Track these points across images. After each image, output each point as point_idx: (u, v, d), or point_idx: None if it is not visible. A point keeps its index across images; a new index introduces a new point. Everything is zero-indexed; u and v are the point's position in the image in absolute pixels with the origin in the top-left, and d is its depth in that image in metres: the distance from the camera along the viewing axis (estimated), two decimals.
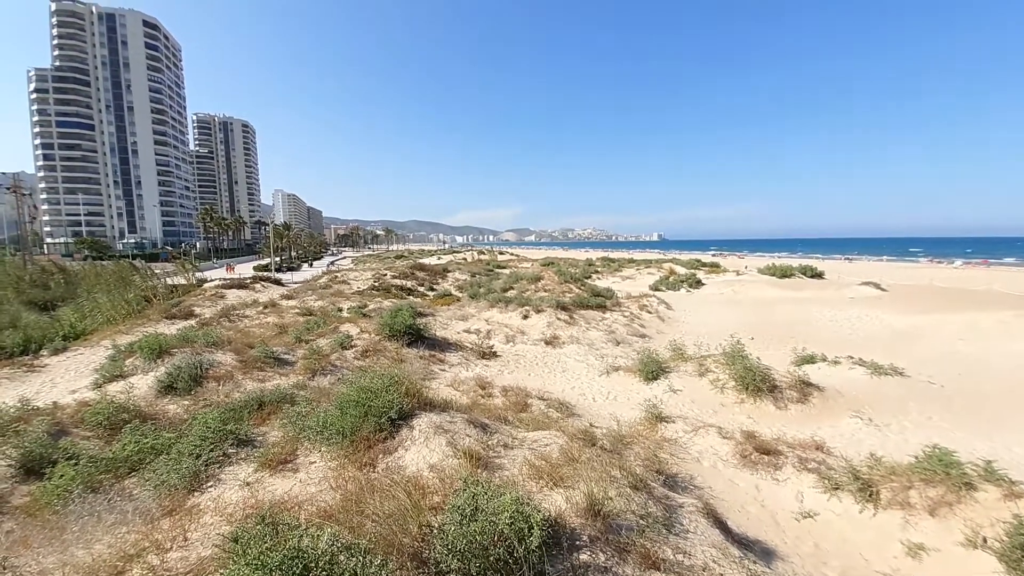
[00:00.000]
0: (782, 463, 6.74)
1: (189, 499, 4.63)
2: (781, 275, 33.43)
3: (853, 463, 6.12)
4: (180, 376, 8.50)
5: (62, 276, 26.57)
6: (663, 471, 6.01)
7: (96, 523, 4.23)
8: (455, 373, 11.79)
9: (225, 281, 27.79)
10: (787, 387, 9.84)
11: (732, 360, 10.41)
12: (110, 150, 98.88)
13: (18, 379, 10.53)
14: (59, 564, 3.57)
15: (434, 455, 5.01)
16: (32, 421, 6.42)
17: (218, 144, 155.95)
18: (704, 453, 7.27)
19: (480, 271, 40.67)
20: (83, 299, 19.53)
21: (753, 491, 6.26)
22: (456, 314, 18.64)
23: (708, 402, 9.92)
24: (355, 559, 2.36)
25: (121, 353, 10.24)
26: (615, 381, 11.59)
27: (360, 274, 35.19)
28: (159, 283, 22.71)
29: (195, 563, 3.25)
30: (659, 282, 32.91)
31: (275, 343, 12.04)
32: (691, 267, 41.78)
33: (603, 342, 16.17)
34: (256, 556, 2.20)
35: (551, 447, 5.54)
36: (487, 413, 7.29)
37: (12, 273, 26.06)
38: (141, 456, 5.48)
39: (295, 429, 5.75)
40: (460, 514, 2.93)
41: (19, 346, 13.63)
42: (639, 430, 7.95)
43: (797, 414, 9.24)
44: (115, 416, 6.74)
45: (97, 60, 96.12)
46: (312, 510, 3.70)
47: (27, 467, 5.48)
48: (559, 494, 4.20)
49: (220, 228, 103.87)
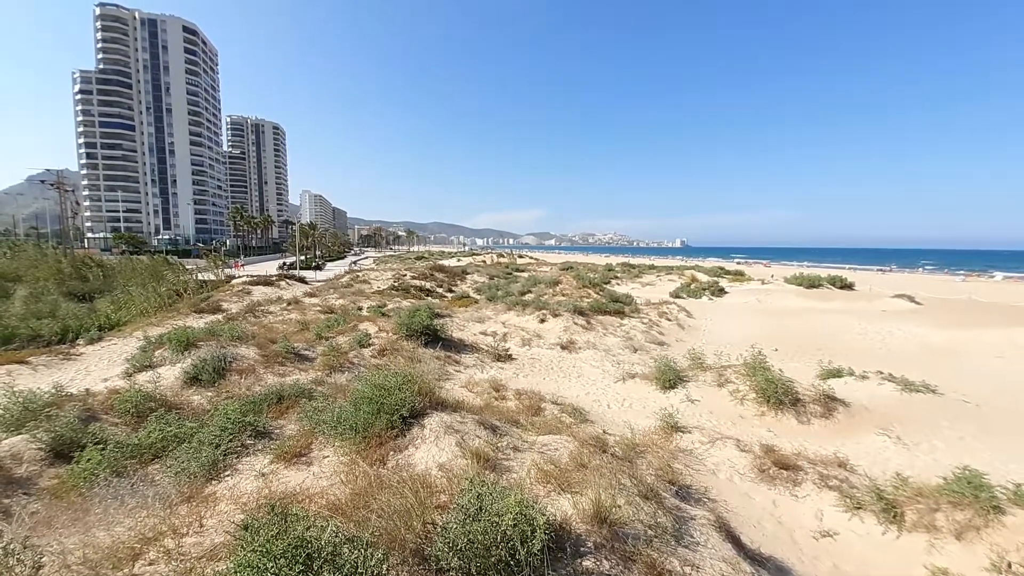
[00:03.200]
0: (802, 479, 6.53)
1: (207, 487, 4.78)
2: (808, 285, 32.43)
3: (878, 482, 5.88)
4: (205, 368, 8.81)
5: (100, 269, 27.85)
6: (676, 482, 5.90)
7: (119, 506, 4.40)
8: (470, 374, 11.84)
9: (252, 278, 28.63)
10: (811, 401, 9.53)
11: (753, 371, 10.15)
12: (149, 150, 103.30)
13: (54, 366, 11.07)
14: (80, 545, 3.72)
15: (443, 454, 5.04)
16: (64, 407, 6.74)
17: (249, 145, 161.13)
18: (720, 465, 7.10)
19: (499, 274, 40.80)
20: (119, 292, 20.45)
21: (770, 506, 6.08)
22: (473, 316, 18.73)
23: (727, 413, 9.69)
24: (357, 552, 2.40)
25: (151, 344, 10.65)
26: (631, 388, 11.43)
27: (381, 274, 35.77)
28: (190, 278, 23.58)
29: (208, 548, 3.35)
30: (680, 289, 32.39)
31: (296, 339, 12.33)
32: (714, 275, 40.98)
33: (620, 348, 15.99)
34: (262, 544, 2.27)
35: (561, 452, 5.51)
36: (499, 415, 7.30)
37: (53, 265, 27.45)
38: (164, 444, 5.68)
39: (311, 423, 5.87)
40: (464, 513, 2.94)
41: (57, 335, 14.35)
42: (653, 439, 7.82)
43: (820, 429, 8.93)
44: (142, 404, 7.02)
45: (139, 63, 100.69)
46: (322, 503, 3.77)
47: (57, 450, 5.75)
48: (566, 499, 4.16)
49: (249, 227, 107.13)
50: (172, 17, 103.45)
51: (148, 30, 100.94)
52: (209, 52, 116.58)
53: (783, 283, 35.19)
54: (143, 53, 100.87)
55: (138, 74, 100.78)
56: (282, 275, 31.71)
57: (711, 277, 38.71)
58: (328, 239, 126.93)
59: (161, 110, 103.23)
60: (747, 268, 65.64)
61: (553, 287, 26.31)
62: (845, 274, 39.14)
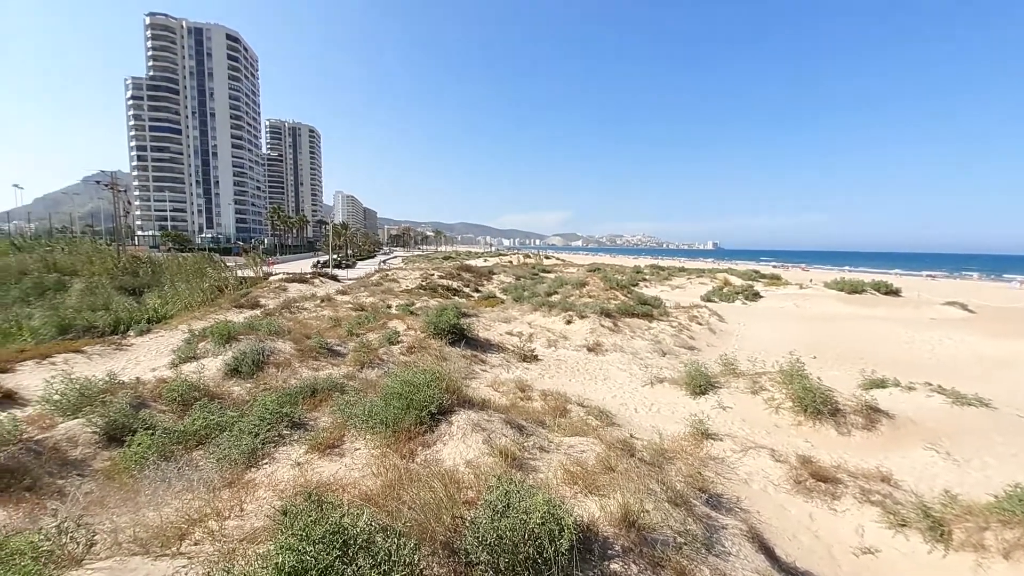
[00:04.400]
0: (841, 493, 6.25)
1: (247, 473, 5.00)
2: (851, 290, 30.96)
3: (924, 499, 5.57)
4: (245, 361, 9.21)
5: (149, 266, 29.51)
6: (707, 489, 5.76)
7: (166, 489, 4.66)
8: (495, 374, 11.90)
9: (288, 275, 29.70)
10: (852, 411, 9.11)
11: (790, 379, 9.78)
12: (194, 152, 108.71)
13: (108, 355, 11.79)
14: (131, 524, 3.96)
15: (470, 451, 5.10)
16: (117, 394, 7.19)
17: (287, 148, 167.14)
18: (753, 475, 6.88)
19: (525, 274, 40.83)
20: (166, 287, 21.62)
21: (806, 520, 5.85)
22: (499, 316, 18.82)
23: (761, 422, 9.37)
24: (390, 540, 2.47)
25: (195, 337, 11.22)
26: (659, 393, 11.22)
27: (409, 273, 36.41)
28: (230, 275, 24.67)
29: (249, 532, 3.51)
30: (712, 292, 31.54)
31: (329, 335, 12.72)
32: (748, 278, 39.71)
33: (648, 352, 15.72)
34: (301, 528, 2.37)
35: (587, 454, 5.47)
36: (525, 415, 7.31)
37: (107, 261, 29.27)
38: (208, 431, 5.98)
39: (343, 416, 6.05)
40: (492, 509, 2.97)
41: (110, 326, 15.30)
42: (683, 445, 7.65)
43: (862, 441, 8.52)
44: (187, 393, 7.41)
45: (185, 70, 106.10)
46: (355, 493, 3.89)
47: (110, 434, 6.14)
48: (593, 501, 4.14)
49: (286, 226, 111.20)
50: (216, 25, 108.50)
51: (194, 38, 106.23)
52: (250, 58, 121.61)
53: (823, 288, 33.74)
54: (189, 60, 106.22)
55: (185, 80, 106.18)
56: (316, 273, 32.77)
57: (745, 281, 37.54)
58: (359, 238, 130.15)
59: (205, 114, 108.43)
60: (784, 272, 63.24)
61: (580, 288, 26.11)
62: (890, 279, 37.19)
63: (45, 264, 26.63)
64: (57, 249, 33.51)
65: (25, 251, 32.73)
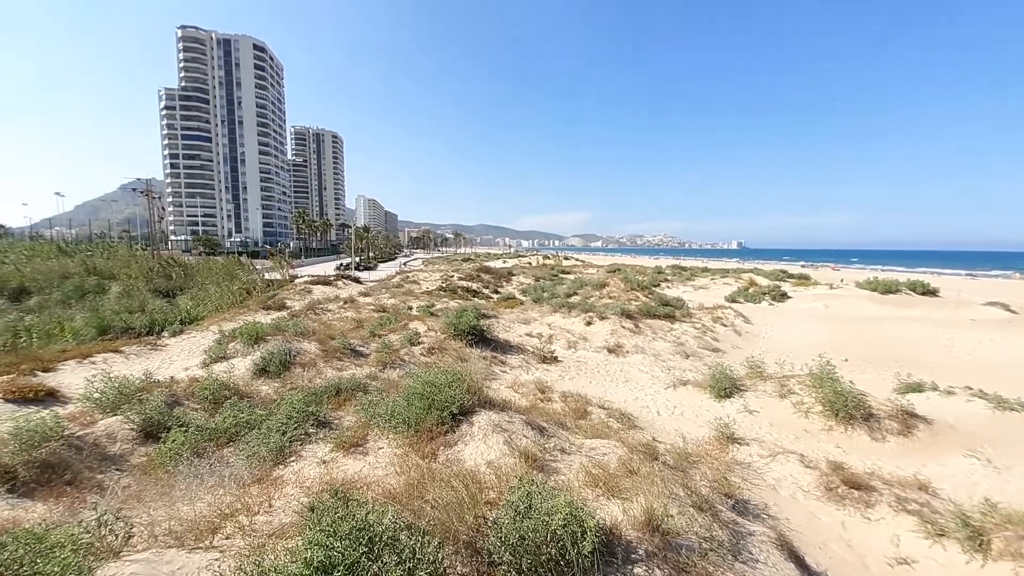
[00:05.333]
0: (876, 501, 6.01)
1: (275, 470, 5.14)
2: (884, 290, 29.77)
3: (963, 507, 5.32)
4: (272, 361, 9.47)
5: (181, 269, 30.64)
6: (733, 495, 5.62)
7: (199, 484, 4.83)
8: (515, 375, 11.90)
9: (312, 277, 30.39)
10: (886, 416, 8.76)
11: (820, 382, 9.47)
12: (223, 160, 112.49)
13: (144, 355, 12.28)
14: (166, 517, 4.11)
15: (491, 452, 5.12)
16: (153, 392, 7.48)
17: (311, 153, 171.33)
18: (782, 481, 6.68)
19: (544, 276, 40.72)
20: (197, 289, 22.41)
21: (838, 528, 5.65)
22: (519, 317, 18.82)
23: (789, 426, 9.11)
24: (414, 538, 2.50)
25: (225, 338, 11.59)
26: (682, 395, 11.03)
27: (429, 275, 36.77)
28: (258, 277, 25.41)
29: (277, 527, 3.61)
30: (737, 293, 30.81)
31: (352, 336, 12.95)
32: (775, 278, 38.62)
33: (670, 354, 15.46)
34: (329, 524, 2.42)
35: (609, 456, 5.42)
36: (545, 417, 7.29)
37: (143, 265, 30.53)
38: (237, 429, 6.17)
39: (367, 416, 6.15)
40: (514, 510, 2.98)
41: (146, 327, 15.94)
42: (707, 449, 7.49)
43: (897, 448, 8.19)
44: (218, 392, 7.66)
45: (215, 80, 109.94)
46: (379, 491, 3.95)
47: (146, 431, 6.40)
48: (616, 505, 4.09)
49: (310, 230, 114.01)
50: (244, 36, 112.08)
51: (223, 49, 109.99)
52: (276, 67, 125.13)
53: (854, 288, 32.57)
54: (219, 71, 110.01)
55: (214, 90, 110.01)
56: (339, 275, 33.42)
57: (772, 281, 36.54)
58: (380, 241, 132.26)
59: (234, 123, 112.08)
60: (813, 271, 61.28)
61: (600, 289, 25.90)
62: (927, 279, 35.62)
63: (86, 268, 27.92)
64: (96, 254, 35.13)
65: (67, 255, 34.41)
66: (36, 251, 36.43)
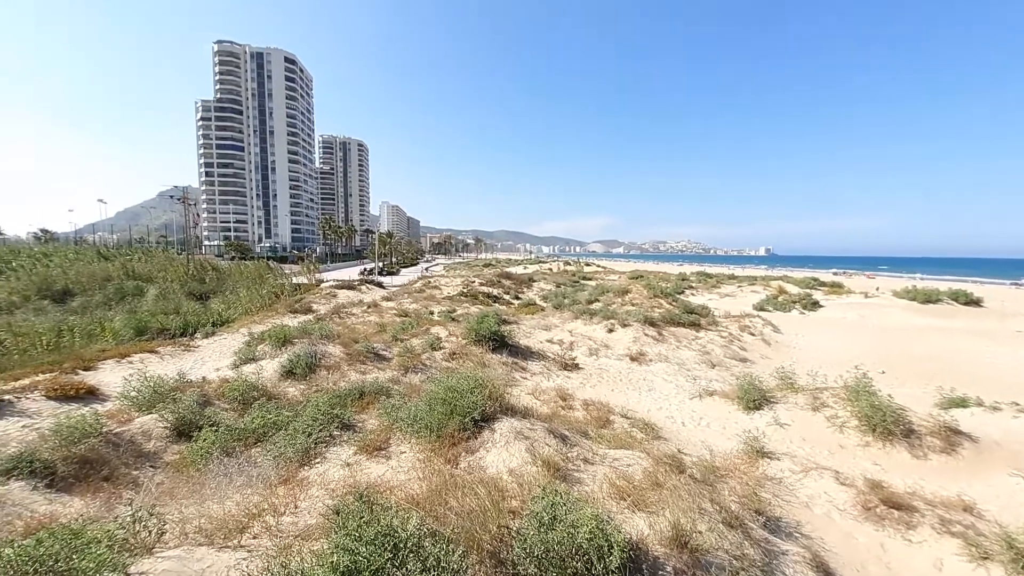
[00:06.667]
0: (917, 522, 5.68)
1: (300, 471, 5.21)
2: (924, 300, 28.41)
3: (1008, 529, 4.99)
4: (299, 363, 9.67)
5: (215, 273, 31.78)
6: (763, 512, 5.41)
7: (228, 483, 4.93)
8: (536, 382, 11.82)
9: (337, 282, 31.04)
10: (927, 433, 8.30)
11: (856, 395, 9.05)
12: (254, 168, 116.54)
13: (177, 356, 12.73)
14: (197, 515, 4.21)
15: (513, 459, 5.06)
16: (186, 391, 7.73)
17: (337, 161, 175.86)
18: (816, 499, 6.39)
19: (565, 282, 40.49)
20: (228, 293, 23.16)
21: (877, 550, 5.36)
22: (540, 323, 18.73)
23: (823, 441, 8.73)
24: (439, 546, 2.47)
25: (254, 340, 11.91)
26: (708, 406, 10.72)
27: (451, 280, 37.04)
28: (286, 282, 26.11)
29: (303, 529, 3.64)
30: (765, 301, 29.89)
31: (375, 340, 13.13)
32: (806, 286, 37.31)
33: (696, 363, 15.09)
34: (354, 528, 2.42)
35: (634, 468, 5.29)
36: (567, 425, 7.19)
37: (179, 269, 31.79)
38: (265, 429, 6.31)
39: (389, 420, 6.19)
40: (538, 521, 2.92)
41: (180, 329, 16.54)
42: (736, 463, 7.24)
43: (939, 466, 7.74)
44: (247, 393, 7.86)
45: (248, 92, 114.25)
46: (401, 495, 3.95)
47: (179, 429, 6.60)
48: (641, 518, 3.98)
49: (336, 235, 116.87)
50: (276, 49, 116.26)
51: (256, 62, 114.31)
52: (305, 78, 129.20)
53: (891, 297, 31.20)
54: (252, 83, 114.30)
55: (247, 101, 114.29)
56: (363, 280, 34.02)
57: (802, 289, 35.33)
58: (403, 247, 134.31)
59: (265, 132, 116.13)
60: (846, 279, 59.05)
61: (622, 296, 25.56)
62: (970, 288, 33.82)
63: (125, 271, 29.27)
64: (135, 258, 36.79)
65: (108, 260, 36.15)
66: (79, 255, 38.39)
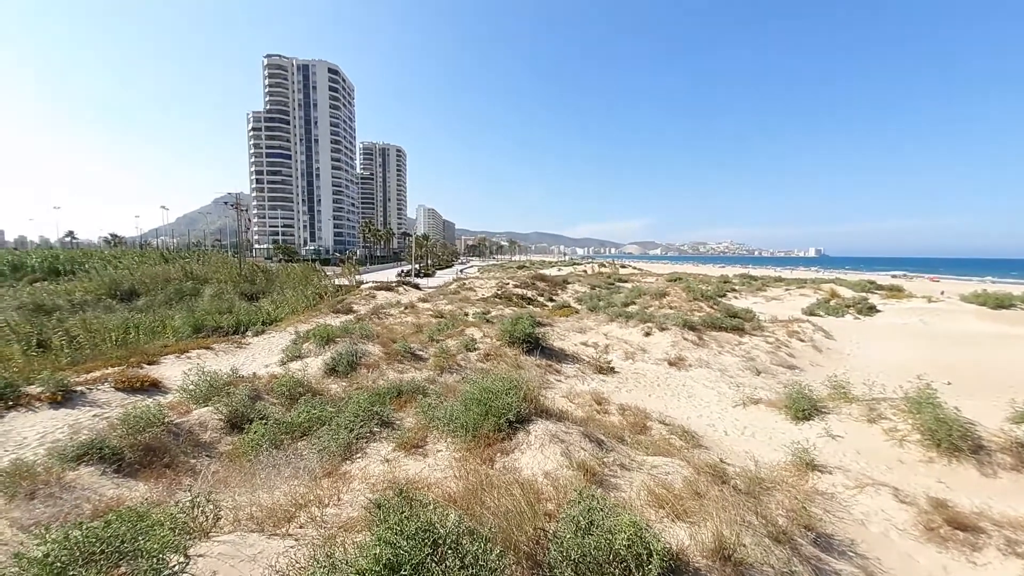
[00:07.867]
0: (983, 543, 5.23)
1: (343, 465, 5.41)
2: (995, 305, 26.09)
3: None
4: (341, 361, 10.05)
5: (264, 275, 33.52)
6: (813, 528, 5.13)
7: (276, 474, 5.20)
8: (571, 385, 11.72)
9: (376, 283, 32.03)
10: (998, 449, 7.62)
11: (918, 407, 8.42)
12: (300, 175, 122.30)
13: (231, 352, 13.51)
14: (249, 503, 4.45)
15: (549, 462, 5.04)
16: (239, 386, 8.19)
17: (377, 167, 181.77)
18: (871, 516, 5.99)
19: (600, 284, 39.95)
20: (276, 293, 24.37)
21: (939, 572, 4.97)
22: (574, 326, 18.57)
23: (880, 455, 8.17)
24: (476, 544, 2.51)
25: (300, 338, 12.47)
26: (753, 415, 10.28)
27: (485, 282, 37.36)
28: (329, 283, 27.19)
29: (346, 521, 3.78)
30: (816, 306, 28.34)
31: (412, 340, 13.44)
32: (861, 289, 35.09)
33: (739, 369, 14.51)
34: (396, 523, 2.50)
35: (673, 476, 5.15)
36: (602, 430, 7.09)
37: (232, 271, 33.74)
38: (310, 424, 6.59)
39: (426, 418, 6.33)
40: (575, 525, 2.90)
41: (233, 327, 17.57)
42: (783, 476, 6.90)
43: (1010, 485, 7.08)
44: (294, 389, 8.24)
45: (295, 103, 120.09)
46: (438, 493, 4.02)
47: (232, 422, 7.01)
48: (682, 528, 3.87)
49: (375, 239, 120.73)
50: (320, 61, 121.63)
51: (302, 73, 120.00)
52: (347, 88, 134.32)
53: (958, 302, 28.84)
54: (298, 94, 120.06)
55: (294, 111, 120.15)
56: (400, 281, 34.92)
57: (857, 292, 33.27)
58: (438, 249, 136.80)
59: (310, 141, 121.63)
60: (906, 282, 55.12)
61: (659, 299, 24.94)
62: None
63: (184, 273, 31.36)
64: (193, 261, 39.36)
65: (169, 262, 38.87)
66: (144, 258, 41.53)
